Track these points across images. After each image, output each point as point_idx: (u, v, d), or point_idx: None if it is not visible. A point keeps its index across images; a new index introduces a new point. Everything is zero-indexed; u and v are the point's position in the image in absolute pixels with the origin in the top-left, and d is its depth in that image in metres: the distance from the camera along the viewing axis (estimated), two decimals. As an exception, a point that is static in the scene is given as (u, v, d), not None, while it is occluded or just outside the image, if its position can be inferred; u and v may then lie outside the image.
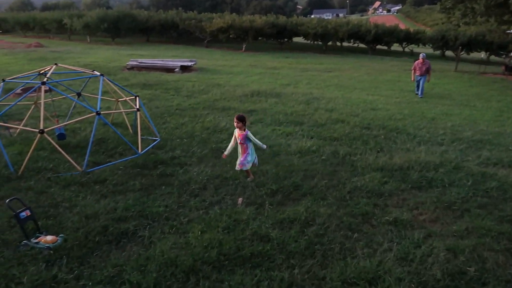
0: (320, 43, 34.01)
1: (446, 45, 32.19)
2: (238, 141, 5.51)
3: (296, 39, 36.91)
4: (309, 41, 34.85)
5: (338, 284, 3.45)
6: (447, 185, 5.66)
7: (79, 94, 7.65)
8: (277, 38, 34.58)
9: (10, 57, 19.70)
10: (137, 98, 7.26)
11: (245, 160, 5.50)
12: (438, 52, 34.63)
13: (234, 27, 31.01)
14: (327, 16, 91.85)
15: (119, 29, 33.59)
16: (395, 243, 4.12)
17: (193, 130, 7.92)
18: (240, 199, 5.01)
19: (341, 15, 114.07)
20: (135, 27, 34.82)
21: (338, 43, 35.27)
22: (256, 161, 5.68)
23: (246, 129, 5.49)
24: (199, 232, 4.18)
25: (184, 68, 16.64)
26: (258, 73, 17.12)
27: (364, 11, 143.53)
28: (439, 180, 5.83)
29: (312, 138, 7.72)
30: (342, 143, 7.47)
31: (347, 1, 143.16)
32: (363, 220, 4.65)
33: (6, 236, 4.06)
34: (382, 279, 3.52)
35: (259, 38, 34.38)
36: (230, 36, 31.89)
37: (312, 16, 70.14)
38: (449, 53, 33.85)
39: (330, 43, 34.00)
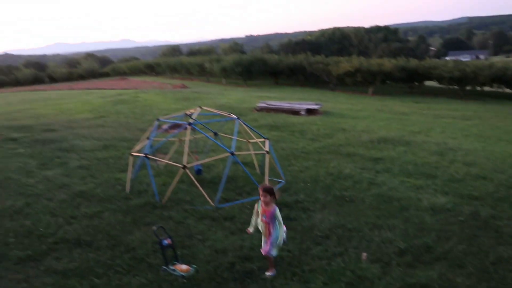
0: (456, 87, 31.46)
1: None
2: (263, 219, 4.34)
3: (428, 83, 34.85)
4: (443, 85, 32.54)
5: None
6: None
7: (215, 134, 8.42)
8: (406, 82, 33.18)
9: (160, 96, 22.87)
10: (267, 141, 7.66)
11: (271, 248, 4.29)
12: None
13: (361, 71, 30.85)
14: (465, 58, 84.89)
15: (251, 72, 36.39)
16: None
17: (317, 174, 7.96)
18: (364, 254, 4.79)
19: (482, 56, 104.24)
20: (266, 70, 37.33)
21: (478, 88, 32.09)
22: (285, 237, 4.48)
23: (275, 205, 4.35)
24: (322, 284, 4.11)
25: (310, 111, 17.05)
26: (386, 118, 16.55)
27: (510, 51, 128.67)
28: None
29: (447, 194, 7.04)
30: (484, 203, 6.63)
31: (490, 41, 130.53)
32: (512, 299, 3.99)
33: (150, 260, 4.59)
34: None
35: (387, 81, 33.44)
36: (357, 79, 31.74)
37: (448, 58, 65.64)
38: None
39: (468, 87, 31.18)
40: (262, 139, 7.90)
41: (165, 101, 20.18)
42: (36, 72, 58.10)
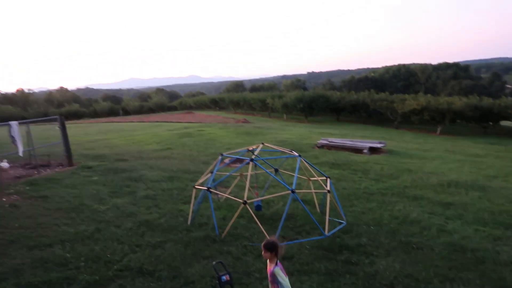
0: (537, 128, 28.92)
1: None
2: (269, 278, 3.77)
3: (505, 123, 32.39)
4: (522, 126, 30.08)
5: None
6: None
7: (276, 170, 8.44)
8: (479, 121, 31.12)
9: (223, 130, 23.59)
10: (328, 180, 7.52)
11: None
12: None
13: (429, 109, 29.57)
14: (547, 96, 77.99)
15: (312, 109, 36.45)
16: None
17: (380, 217, 7.59)
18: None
19: None
20: (327, 107, 37.19)
21: None
22: None
23: (278, 262, 3.76)
24: None
25: (372, 150, 16.55)
26: (457, 160, 15.53)
27: None
28: None
29: (530, 248, 6.33)
30: None
31: None
32: None
33: (208, 295, 4.59)
34: None
35: (457, 120, 31.65)
36: (424, 117, 30.42)
37: (527, 97, 60.88)
38: None
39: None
40: (323, 177, 7.77)
41: (228, 135, 20.74)
42: (112, 104, 63.10)
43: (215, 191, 7.62)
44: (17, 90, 71.44)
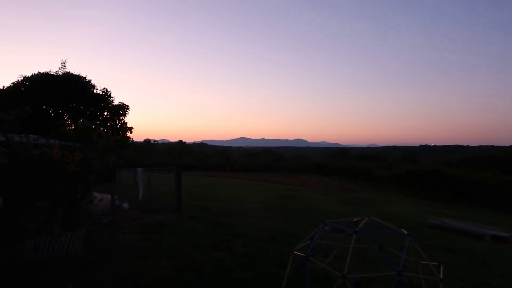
0: None
1: None
2: None
3: None
4: None
5: None
6: None
7: (381, 246, 7.82)
8: None
9: (325, 196, 23.15)
10: (441, 266, 6.68)
11: None
12: None
13: None
14: None
15: (424, 184, 33.85)
16: None
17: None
18: None
19: None
20: (441, 184, 34.18)
21: None
22: None
23: None
24: None
25: (496, 238, 14.42)
26: None
27: None
28: None
29: None
30: None
31: None
32: None
33: None
34: None
35: None
36: None
37: None
38: None
39: None
40: (435, 263, 6.93)
41: (329, 202, 20.24)
42: (221, 160, 67.34)
43: (313, 260, 7.32)
44: (144, 140, 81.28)
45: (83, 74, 22.97)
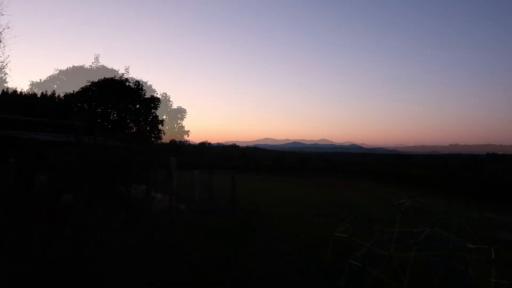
0: None
1: None
2: None
3: None
4: None
5: None
6: None
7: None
8: None
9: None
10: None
11: None
12: None
13: None
14: None
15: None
16: None
17: None
18: None
19: None
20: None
21: None
22: None
23: None
24: None
25: None
26: None
27: None
28: None
29: None
30: None
31: None
32: None
33: None
34: None
35: None
36: None
37: None
38: None
39: None
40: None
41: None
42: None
43: (370, 270, 7.09)
44: (199, 143, 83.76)
45: (144, 80, 24.12)
